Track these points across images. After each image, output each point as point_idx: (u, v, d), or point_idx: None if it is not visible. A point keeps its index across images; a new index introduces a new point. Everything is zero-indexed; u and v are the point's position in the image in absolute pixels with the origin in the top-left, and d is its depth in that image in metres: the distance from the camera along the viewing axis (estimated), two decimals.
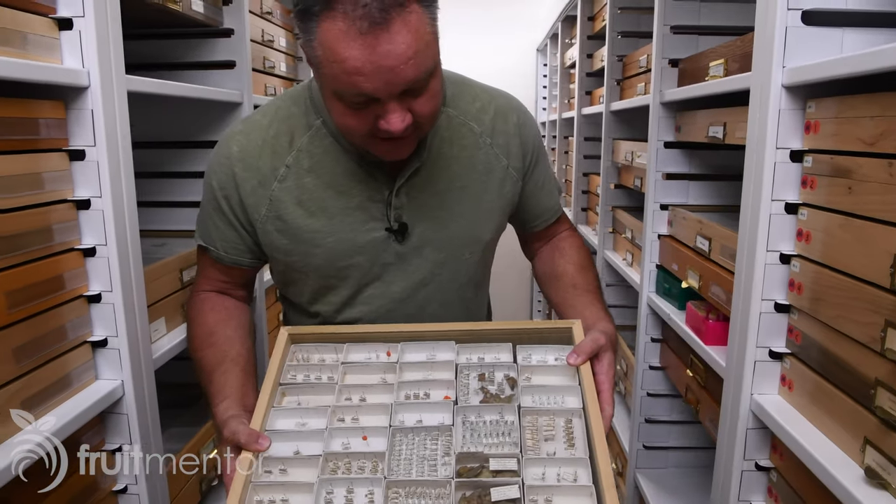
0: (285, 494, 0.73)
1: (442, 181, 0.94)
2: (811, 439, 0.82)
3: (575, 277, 1.02)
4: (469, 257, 0.98)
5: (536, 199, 1.05)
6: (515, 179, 1.00)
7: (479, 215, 0.97)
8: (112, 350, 0.95)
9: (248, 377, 0.90)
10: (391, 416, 0.80)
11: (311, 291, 0.98)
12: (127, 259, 0.95)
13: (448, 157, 0.95)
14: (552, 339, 0.89)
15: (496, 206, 0.99)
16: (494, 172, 0.98)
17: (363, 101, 0.77)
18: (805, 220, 0.88)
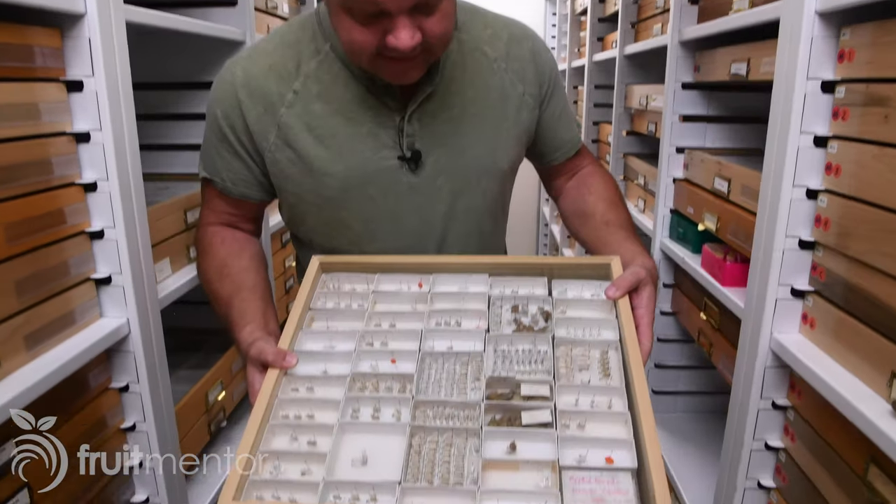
0: (311, 411, 0.73)
1: (455, 107, 0.92)
2: (834, 375, 0.83)
3: (606, 214, 1.00)
4: (487, 186, 0.97)
5: (554, 130, 1.04)
6: (532, 107, 0.98)
7: (496, 143, 0.95)
8: (116, 288, 0.93)
9: (267, 305, 0.89)
10: (421, 342, 0.80)
11: (323, 227, 0.97)
12: (129, 194, 0.93)
13: (461, 83, 0.93)
14: (589, 276, 0.88)
15: (512, 133, 0.97)
16: (510, 98, 0.96)
17: (373, 14, 0.75)
18: (835, 153, 0.87)
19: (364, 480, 0.65)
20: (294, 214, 0.98)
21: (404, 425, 0.70)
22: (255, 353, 0.78)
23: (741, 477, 0.99)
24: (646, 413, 0.66)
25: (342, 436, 0.71)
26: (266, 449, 0.69)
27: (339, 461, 0.69)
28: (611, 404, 0.71)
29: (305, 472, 0.68)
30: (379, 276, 0.91)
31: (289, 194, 0.95)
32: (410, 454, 0.68)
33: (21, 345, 0.80)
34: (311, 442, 0.71)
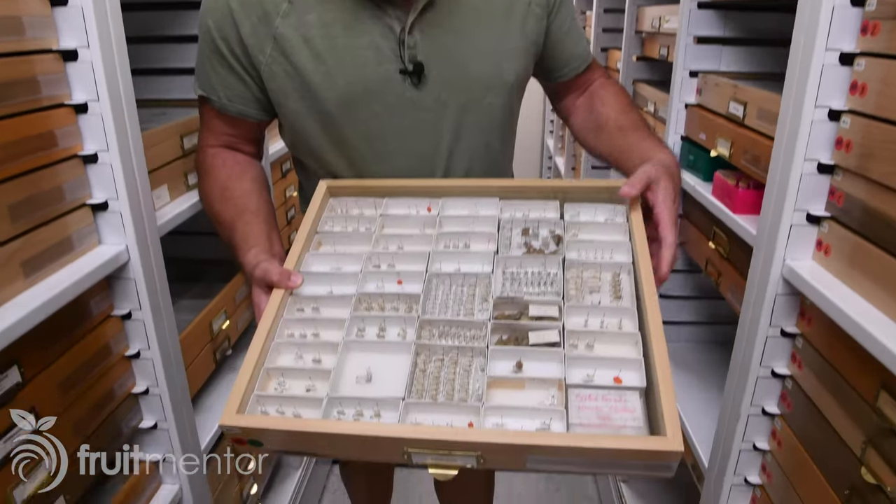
0: (316, 329, 0.74)
1: (458, 17, 0.89)
2: (847, 301, 0.82)
3: (619, 120, 0.97)
4: (492, 101, 0.94)
5: (562, 43, 1.00)
6: (539, 17, 0.95)
7: (501, 55, 0.92)
8: (114, 214, 0.92)
9: (271, 228, 0.89)
10: (428, 264, 0.80)
11: (325, 148, 0.94)
12: (122, 116, 0.90)
13: None
14: (602, 199, 0.87)
15: (519, 45, 0.94)
16: (516, 7, 0.92)
17: None
18: (862, 70, 0.83)
19: (368, 396, 0.66)
20: (295, 135, 0.96)
21: (409, 344, 0.70)
22: (259, 274, 0.78)
23: (745, 404, 1.00)
24: (657, 334, 0.66)
25: (347, 354, 0.72)
26: (271, 366, 0.70)
27: (344, 378, 0.69)
28: (621, 325, 0.71)
29: (310, 389, 0.69)
30: (387, 200, 0.91)
31: (288, 111, 0.92)
32: (415, 372, 0.69)
33: (18, 271, 0.79)
34: (315, 360, 0.72)
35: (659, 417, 0.60)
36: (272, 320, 0.73)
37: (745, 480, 1.05)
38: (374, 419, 0.66)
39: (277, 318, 0.74)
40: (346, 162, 0.95)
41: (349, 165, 0.95)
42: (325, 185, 0.92)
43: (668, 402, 0.60)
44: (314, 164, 0.99)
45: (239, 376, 0.68)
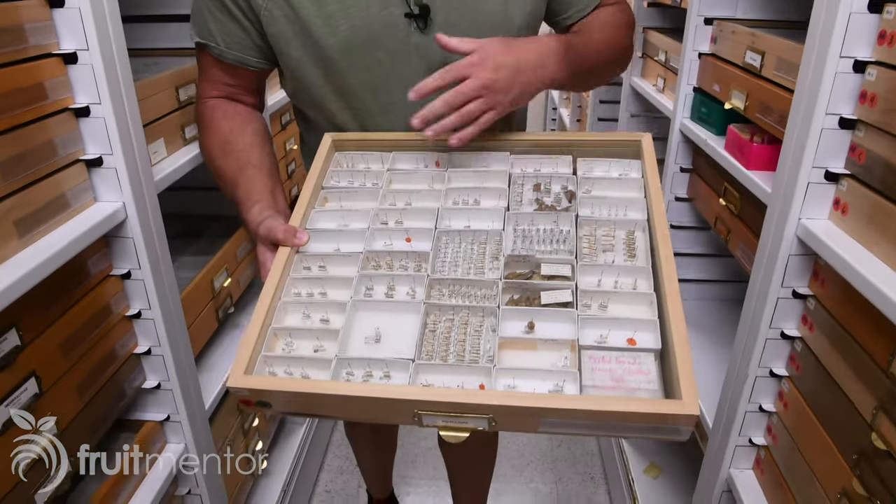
0: (323, 288, 0.74)
1: None
2: (863, 262, 0.80)
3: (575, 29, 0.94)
4: None
5: None
6: None
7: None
8: (108, 170, 0.89)
9: (275, 182, 0.87)
10: (437, 220, 0.79)
11: (328, 98, 0.92)
12: (113, 66, 0.86)
13: None
14: (618, 153, 0.85)
15: None
16: None
17: None
18: (891, 18, 0.80)
19: (377, 357, 0.65)
20: (296, 84, 0.93)
21: (419, 303, 0.69)
22: (264, 232, 0.77)
23: (753, 365, 1.00)
24: (672, 294, 0.65)
25: (355, 313, 0.71)
26: (278, 326, 0.69)
27: (352, 338, 0.69)
28: (636, 285, 0.70)
29: (318, 349, 0.69)
30: (395, 154, 0.89)
31: (289, 59, 0.89)
32: (425, 332, 0.68)
33: (12, 230, 0.77)
34: (323, 319, 0.71)
35: (674, 380, 0.59)
36: (278, 279, 0.72)
37: (749, 441, 1.06)
38: (384, 380, 0.65)
39: (284, 276, 0.74)
40: (350, 113, 0.92)
41: (353, 117, 0.92)
42: (329, 139, 0.90)
43: (685, 364, 0.59)
44: (317, 116, 0.96)
45: (246, 336, 0.67)
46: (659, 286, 0.67)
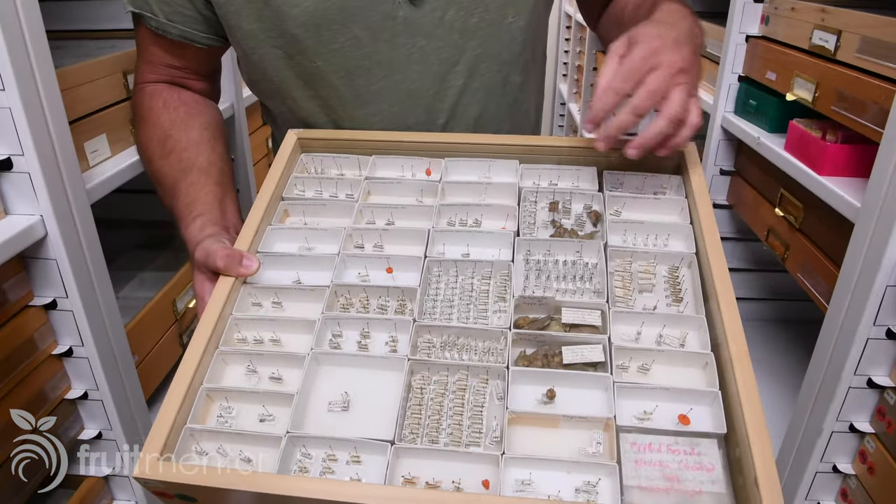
0: (276, 333, 0.60)
1: None
2: None
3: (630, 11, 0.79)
4: (513, 21, 0.75)
5: None
6: None
7: None
8: (20, 175, 0.75)
9: (225, 190, 0.73)
10: (427, 246, 0.65)
11: (293, 86, 0.77)
12: (21, 46, 0.71)
13: None
14: (653, 165, 0.69)
15: None
16: None
17: None
18: None
19: (344, 436, 0.51)
20: (252, 68, 0.78)
21: (402, 359, 0.56)
22: (201, 256, 0.64)
23: (830, 419, 0.84)
24: (740, 356, 0.50)
25: (317, 369, 0.57)
26: (212, 385, 0.55)
27: (312, 405, 0.56)
28: (684, 341, 0.55)
29: (265, 419, 0.55)
30: (375, 158, 0.75)
31: (242, 35, 0.74)
32: (409, 399, 0.53)
33: None
34: (274, 377, 0.58)
35: (748, 480, 0.44)
36: (216, 319, 0.58)
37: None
38: (353, 465, 0.51)
39: (223, 316, 0.59)
40: (319, 104, 0.77)
41: (323, 110, 0.78)
42: (294, 137, 0.76)
43: (764, 457, 0.44)
44: (279, 108, 0.82)
45: (165, 401, 0.53)
46: (717, 342, 0.52)
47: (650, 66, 0.59)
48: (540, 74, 0.88)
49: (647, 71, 0.59)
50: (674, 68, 0.59)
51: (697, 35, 0.67)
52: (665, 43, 0.60)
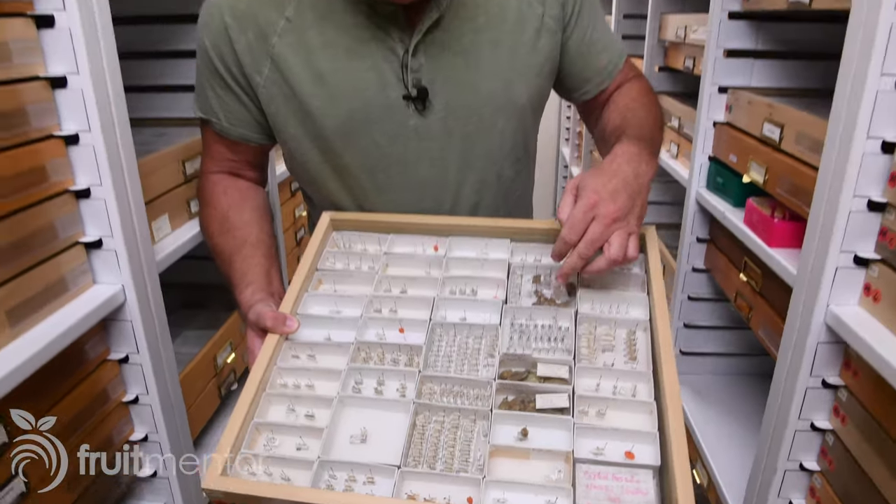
0: (311, 380, 0.73)
1: (466, 36, 0.86)
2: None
3: (622, 123, 0.90)
4: (504, 126, 0.91)
5: (583, 57, 0.94)
6: (553, 30, 0.90)
7: (511, 75, 0.88)
8: (108, 252, 0.91)
9: (271, 262, 0.88)
10: (433, 311, 0.78)
11: (326, 177, 0.93)
12: (115, 147, 0.89)
13: (473, 7, 0.86)
14: None
15: (531, 62, 0.90)
16: (528, 22, 0.88)
17: None
18: None
19: (362, 462, 0.64)
20: (294, 161, 0.95)
21: (409, 402, 0.68)
22: (253, 317, 0.77)
23: (782, 458, 0.95)
24: (674, 404, 0.62)
25: (342, 409, 0.70)
26: (261, 420, 0.68)
27: (338, 437, 0.68)
28: (635, 391, 0.68)
29: (301, 448, 0.68)
30: (392, 237, 0.89)
31: (287, 137, 0.90)
32: (413, 434, 0.66)
33: (3, 320, 0.77)
34: (308, 415, 0.70)
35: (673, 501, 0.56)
36: (265, 369, 0.72)
37: None
38: (368, 485, 0.64)
39: (270, 366, 0.73)
40: (348, 193, 0.93)
41: (350, 195, 0.93)
42: (328, 218, 0.91)
43: (684, 486, 0.56)
44: (315, 194, 0.97)
45: (226, 431, 0.66)
46: (660, 394, 0.65)
47: (591, 217, 0.72)
48: (530, 166, 1.03)
49: (588, 222, 0.72)
50: (609, 219, 0.72)
51: (643, 174, 0.78)
52: (602, 196, 0.73)
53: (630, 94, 0.96)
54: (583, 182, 0.75)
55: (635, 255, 0.73)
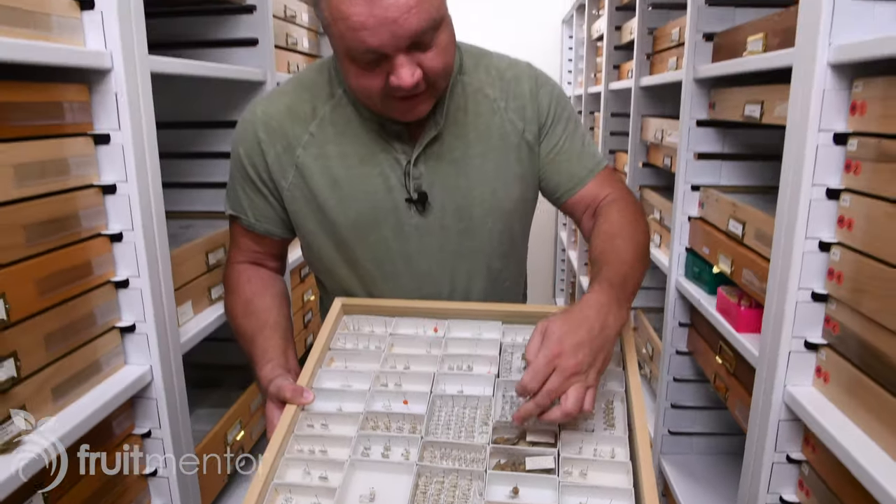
0: (324, 446, 0.81)
1: (458, 149, 1.01)
2: (847, 434, 0.84)
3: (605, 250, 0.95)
4: (492, 226, 1.05)
5: (554, 164, 1.05)
6: (531, 144, 1.05)
7: (497, 183, 1.03)
8: (140, 335, 1.01)
9: (288, 343, 0.99)
10: (433, 384, 0.88)
11: (338, 266, 1.06)
12: (153, 244, 1.01)
13: (464, 125, 1.01)
14: None
15: (514, 172, 1.04)
16: (510, 138, 1.04)
17: (373, 59, 0.84)
18: (847, 206, 0.89)
19: None
20: (311, 253, 1.09)
21: (412, 465, 0.77)
22: (274, 390, 0.87)
23: None
24: (646, 464, 0.72)
25: (352, 472, 0.78)
26: (280, 481, 0.76)
27: (349, 496, 0.76)
28: (613, 453, 0.77)
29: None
30: (397, 320, 1.01)
31: (306, 232, 1.04)
32: (416, 494, 0.74)
33: (48, 396, 0.85)
34: (322, 477, 0.78)
35: None
36: (283, 436, 0.81)
37: None
38: None
39: (289, 433, 0.82)
40: (357, 280, 1.06)
41: (359, 282, 1.06)
42: (339, 303, 1.03)
43: None
44: (328, 281, 1.10)
45: (249, 491, 0.74)
46: (635, 456, 0.75)
47: (552, 368, 0.75)
48: (518, 260, 1.16)
49: (548, 373, 0.75)
50: (568, 372, 0.75)
51: (609, 327, 0.81)
52: (564, 349, 0.76)
53: (614, 220, 1.00)
54: (550, 328, 0.78)
55: (590, 408, 0.76)
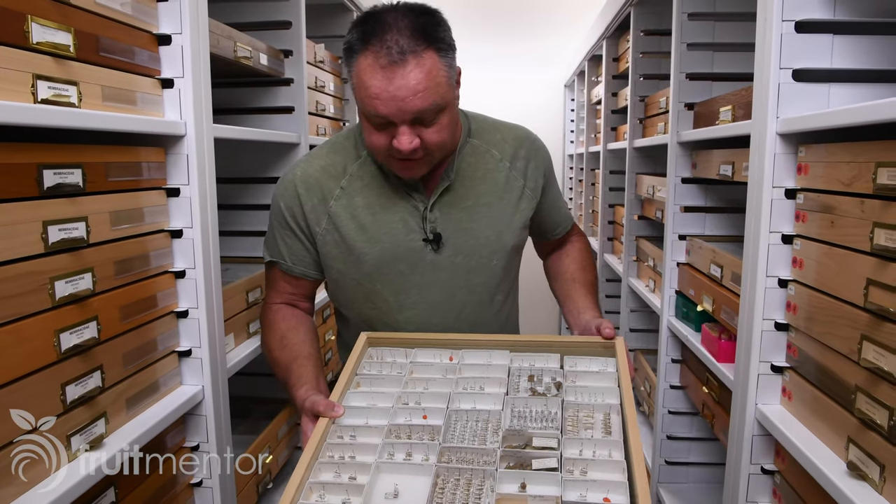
0: (353, 453, 0.96)
1: (469, 198, 1.22)
2: (806, 442, 1.00)
3: (575, 273, 1.34)
4: (496, 263, 1.24)
5: (550, 214, 1.36)
6: (530, 197, 1.28)
7: (502, 227, 1.24)
8: (195, 359, 1.18)
9: (319, 371, 1.16)
10: (449, 401, 1.03)
11: (360, 298, 1.24)
12: (210, 280, 1.19)
13: (473, 179, 1.23)
14: (597, 353, 1.13)
15: (515, 218, 1.26)
16: (513, 191, 1.25)
17: (382, 123, 1.06)
18: (799, 249, 1.09)
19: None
20: (337, 288, 1.27)
21: (431, 466, 0.91)
22: (309, 405, 1.03)
23: None
24: (639, 464, 0.87)
25: (378, 473, 0.92)
26: (314, 480, 0.91)
27: (375, 494, 0.90)
28: (610, 454, 0.92)
29: (345, 502, 0.89)
30: (416, 350, 1.17)
31: (334, 271, 1.23)
32: (435, 490, 0.89)
33: (123, 406, 1.02)
34: (351, 477, 0.92)
35: None
36: (317, 443, 0.95)
37: None
38: None
39: (322, 441, 0.96)
40: (376, 312, 1.24)
41: (379, 315, 1.24)
42: (365, 337, 1.19)
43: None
44: (350, 313, 1.29)
45: (287, 487, 0.88)
46: (629, 456, 0.89)
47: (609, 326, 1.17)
48: (514, 293, 1.36)
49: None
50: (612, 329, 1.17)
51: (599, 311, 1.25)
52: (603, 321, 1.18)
53: (576, 256, 1.41)
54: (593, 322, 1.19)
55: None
